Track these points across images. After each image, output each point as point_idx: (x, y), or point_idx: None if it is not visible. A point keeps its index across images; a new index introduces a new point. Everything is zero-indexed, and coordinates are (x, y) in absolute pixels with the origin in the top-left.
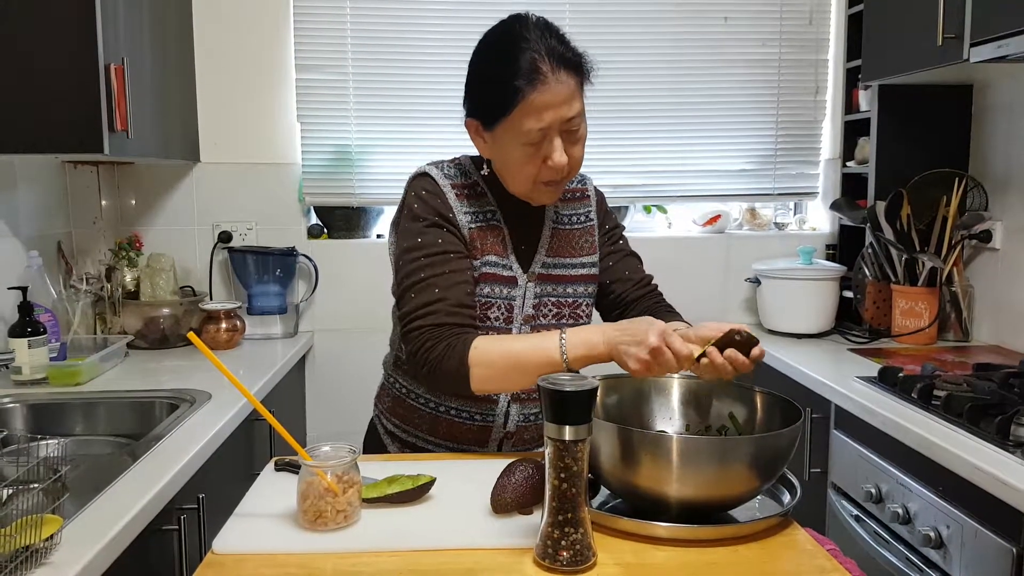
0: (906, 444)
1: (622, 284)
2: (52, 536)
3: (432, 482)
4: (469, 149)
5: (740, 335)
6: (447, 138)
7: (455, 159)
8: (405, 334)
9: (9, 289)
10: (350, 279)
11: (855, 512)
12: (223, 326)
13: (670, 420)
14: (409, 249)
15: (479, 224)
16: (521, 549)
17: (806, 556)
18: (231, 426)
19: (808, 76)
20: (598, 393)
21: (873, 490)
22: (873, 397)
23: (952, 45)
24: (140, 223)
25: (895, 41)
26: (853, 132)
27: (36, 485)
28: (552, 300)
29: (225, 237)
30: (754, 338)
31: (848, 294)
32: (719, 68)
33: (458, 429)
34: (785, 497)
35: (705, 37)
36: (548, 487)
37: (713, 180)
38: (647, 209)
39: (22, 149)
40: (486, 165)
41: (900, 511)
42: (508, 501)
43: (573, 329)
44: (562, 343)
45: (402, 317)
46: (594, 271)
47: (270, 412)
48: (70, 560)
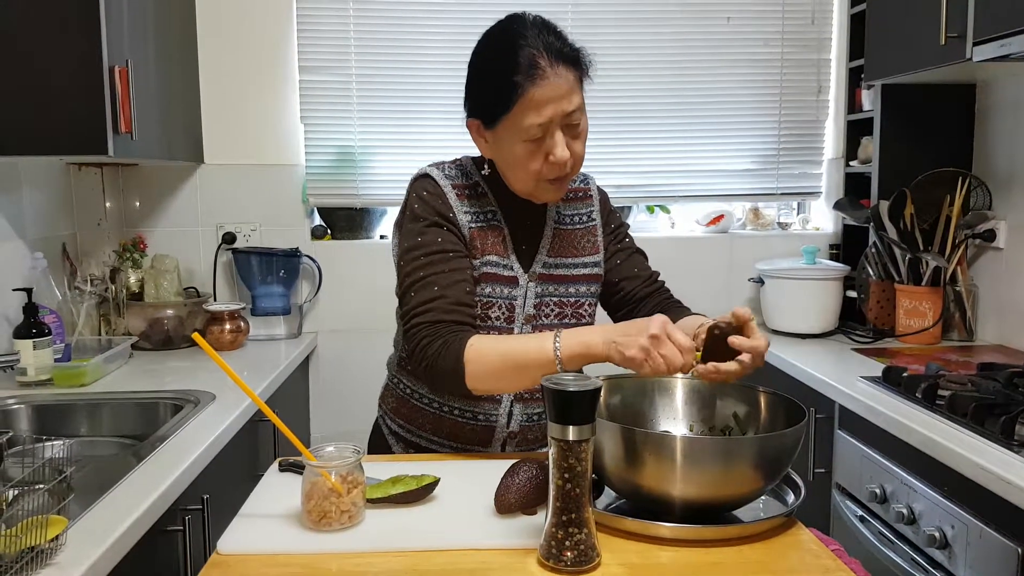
0: (910, 444)
1: (630, 282)
2: (57, 537)
3: (436, 482)
4: (472, 150)
5: (717, 328)
6: (450, 139)
7: (456, 160)
8: (405, 331)
9: (14, 290)
10: (353, 280)
11: (859, 512)
12: (227, 327)
13: (674, 420)
14: (410, 249)
15: (480, 224)
16: (525, 549)
17: (811, 556)
18: (235, 427)
19: (811, 76)
20: (602, 393)
21: (877, 490)
22: (877, 397)
23: (955, 44)
24: (144, 224)
25: (898, 40)
26: (856, 131)
27: (41, 486)
28: (554, 300)
29: (229, 238)
30: (732, 324)
31: (852, 294)
32: (722, 68)
33: (462, 429)
34: (789, 497)
35: (707, 37)
36: (552, 487)
37: (716, 180)
38: (650, 209)
39: (27, 151)
40: (487, 165)
41: (905, 511)
42: (512, 501)
43: (569, 329)
44: (556, 342)
45: (403, 315)
46: (597, 271)
47: (274, 413)
48: (75, 561)
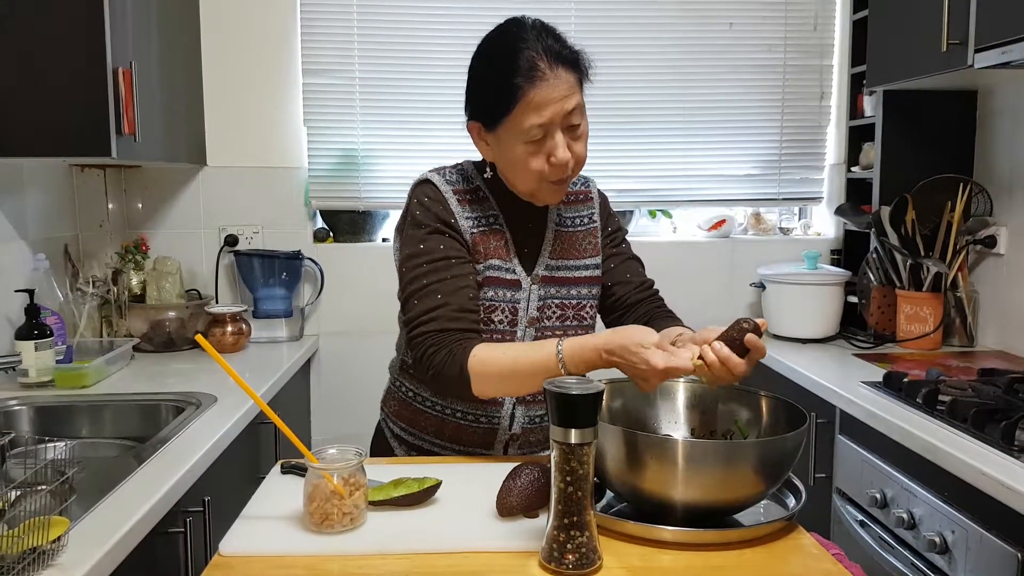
0: (911, 449)
1: (623, 287)
2: (59, 538)
3: (438, 485)
4: (475, 154)
5: (747, 322)
6: (453, 142)
7: (457, 164)
8: (410, 339)
9: (16, 292)
10: (355, 283)
11: (860, 517)
12: (229, 329)
13: (675, 424)
14: (412, 256)
15: (481, 228)
16: (527, 552)
17: (812, 560)
18: (237, 429)
19: (813, 81)
20: (604, 397)
21: (878, 495)
22: (878, 402)
23: (957, 51)
24: (147, 226)
25: (900, 47)
26: (858, 137)
27: (43, 487)
28: (556, 302)
29: (231, 240)
30: (757, 327)
31: (853, 299)
32: (724, 73)
33: (464, 432)
34: (790, 501)
35: (710, 43)
36: (554, 490)
37: (718, 185)
38: (652, 214)
39: (30, 152)
40: (488, 168)
41: (905, 516)
42: (514, 504)
43: (571, 338)
44: (559, 351)
45: (407, 323)
46: (597, 272)
47: (276, 415)
48: (77, 562)
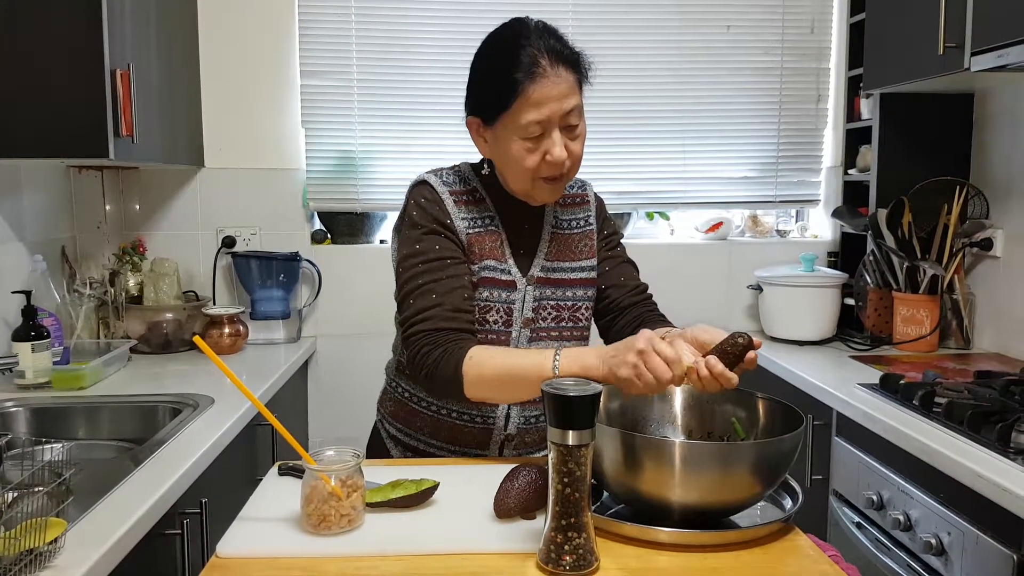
0: (907, 451)
1: (617, 290)
2: (56, 539)
3: (435, 487)
4: (472, 156)
5: (743, 337)
6: (451, 144)
7: (454, 166)
8: (405, 339)
9: (13, 293)
10: (353, 284)
11: (856, 519)
12: (226, 331)
13: (672, 425)
14: (408, 256)
15: (477, 229)
16: (524, 554)
17: (808, 561)
18: (234, 431)
19: (810, 84)
20: (601, 398)
21: (874, 497)
22: (874, 404)
23: (953, 54)
24: (144, 228)
25: (896, 50)
26: (855, 140)
27: (40, 489)
28: (551, 303)
29: (229, 242)
30: (751, 343)
31: (850, 301)
32: (721, 76)
33: (460, 432)
34: (787, 503)
35: (707, 46)
36: (551, 492)
37: (715, 187)
38: (650, 216)
39: (27, 153)
40: (486, 165)
41: (901, 518)
42: (511, 506)
43: (568, 348)
44: (555, 361)
45: (402, 322)
46: (593, 275)
47: (273, 416)
48: (74, 563)
